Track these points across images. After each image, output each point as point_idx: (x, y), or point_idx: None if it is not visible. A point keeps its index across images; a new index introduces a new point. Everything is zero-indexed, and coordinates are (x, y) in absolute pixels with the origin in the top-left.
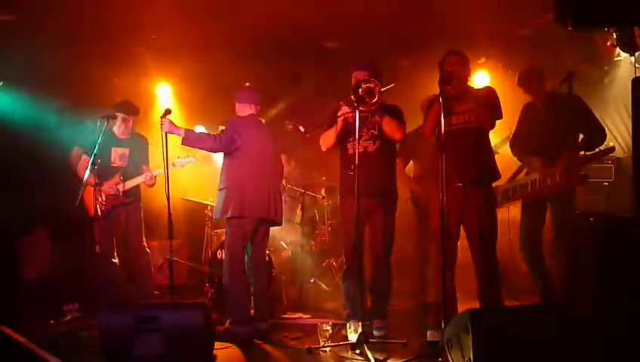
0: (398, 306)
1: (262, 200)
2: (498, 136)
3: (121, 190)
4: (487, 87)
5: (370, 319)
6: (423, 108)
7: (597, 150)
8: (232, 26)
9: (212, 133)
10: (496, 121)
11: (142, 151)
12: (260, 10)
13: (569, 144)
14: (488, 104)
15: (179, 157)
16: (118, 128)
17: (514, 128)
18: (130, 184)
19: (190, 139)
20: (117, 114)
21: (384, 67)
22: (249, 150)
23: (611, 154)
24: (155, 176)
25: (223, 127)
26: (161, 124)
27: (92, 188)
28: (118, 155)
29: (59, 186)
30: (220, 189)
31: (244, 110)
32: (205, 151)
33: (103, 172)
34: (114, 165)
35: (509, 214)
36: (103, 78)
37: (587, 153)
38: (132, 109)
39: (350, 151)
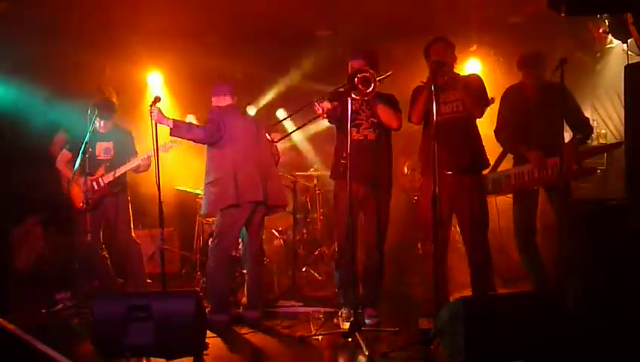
0: (391, 294)
1: (255, 184)
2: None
3: (103, 182)
4: (473, 74)
5: (362, 307)
6: None
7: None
8: (223, 13)
9: (200, 124)
10: (485, 109)
11: (126, 144)
12: None
13: (559, 133)
14: (476, 91)
15: (163, 143)
16: (98, 123)
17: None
18: (111, 176)
19: (179, 130)
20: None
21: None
22: (234, 137)
23: (602, 141)
24: (149, 157)
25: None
26: (151, 113)
27: (80, 179)
28: (102, 149)
29: (50, 175)
30: (209, 182)
31: (222, 102)
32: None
33: (90, 165)
34: (99, 158)
35: (497, 202)
36: (93, 66)
37: (594, 145)
38: (106, 111)
39: (349, 136)
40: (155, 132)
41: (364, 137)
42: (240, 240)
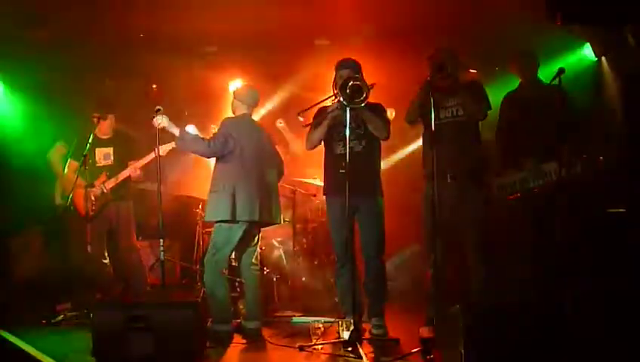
0: (391, 302)
1: (254, 204)
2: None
3: (106, 188)
4: (473, 79)
5: (368, 318)
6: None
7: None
8: (223, 23)
9: (205, 138)
10: (487, 112)
11: (126, 148)
12: (250, 7)
13: (560, 135)
14: (477, 95)
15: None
16: (98, 129)
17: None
18: (113, 181)
19: (185, 140)
20: (95, 115)
21: (375, 64)
22: (242, 152)
23: None
24: (140, 168)
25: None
26: (155, 122)
27: (82, 190)
28: (102, 155)
29: (50, 186)
30: (211, 192)
31: (240, 109)
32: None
33: (90, 172)
34: (99, 165)
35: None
36: (93, 77)
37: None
38: (104, 108)
39: (337, 150)
40: (158, 141)
41: (350, 150)
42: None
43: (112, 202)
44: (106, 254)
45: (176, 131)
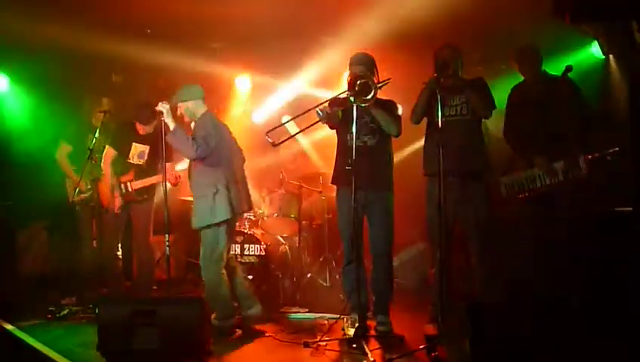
0: (397, 299)
1: (243, 195)
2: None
3: (131, 188)
4: (478, 77)
5: (373, 315)
6: None
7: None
8: (229, 17)
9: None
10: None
11: (163, 150)
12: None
13: (566, 130)
14: (482, 93)
15: None
16: (139, 125)
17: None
18: (140, 184)
19: (176, 136)
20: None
21: (382, 61)
22: (221, 149)
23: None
24: (180, 176)
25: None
26: (159, 105)
27: (107, 182)
28: (137, 152)
29: (56, 180)
30: (201, 196)
31: (199, 108)
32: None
33: (119, 166)
34: (130, 161)
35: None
36: (99, 73)
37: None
38: (145, 118)
39: (349, 143)
40: (163, 138)
41: (364, 143)
42: None
43: (135, 202)
44: (120, 248)
45: (171, 124)
